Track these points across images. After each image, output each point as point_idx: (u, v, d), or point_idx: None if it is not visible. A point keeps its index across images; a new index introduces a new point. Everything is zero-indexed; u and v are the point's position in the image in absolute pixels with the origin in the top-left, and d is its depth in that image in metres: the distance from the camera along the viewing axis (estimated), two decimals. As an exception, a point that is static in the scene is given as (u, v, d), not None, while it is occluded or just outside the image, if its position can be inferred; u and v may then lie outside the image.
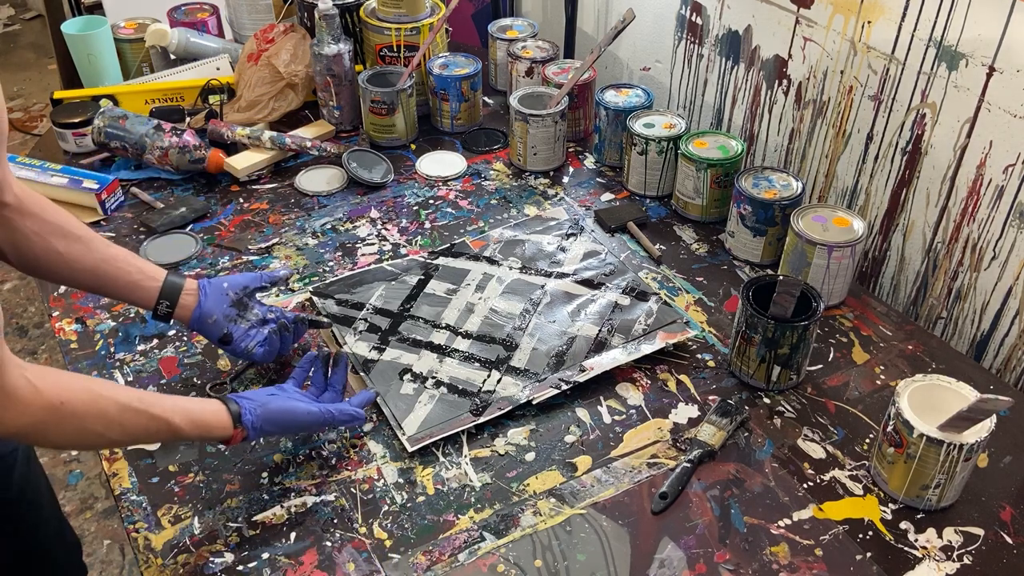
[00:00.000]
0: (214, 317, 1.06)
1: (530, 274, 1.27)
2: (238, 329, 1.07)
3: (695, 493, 0.98)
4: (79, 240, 1.00)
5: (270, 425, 0.95)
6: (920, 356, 1.15)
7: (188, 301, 1.05)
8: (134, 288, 1.03)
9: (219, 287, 1.07)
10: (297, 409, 0.97)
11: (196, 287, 1.06)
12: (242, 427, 0.93)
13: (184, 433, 0.90)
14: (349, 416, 0.99)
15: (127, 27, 1.73)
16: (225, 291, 1.08)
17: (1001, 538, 0.93)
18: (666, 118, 1.44)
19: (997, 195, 1.13)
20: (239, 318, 1.08)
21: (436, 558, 0.91)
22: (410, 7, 1.57)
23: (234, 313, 1.08)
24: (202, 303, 1.05)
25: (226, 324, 1.07)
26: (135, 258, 1.05)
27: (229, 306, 1.07)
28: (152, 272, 1.04)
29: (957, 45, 1.11)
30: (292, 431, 1.02)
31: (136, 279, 1.03)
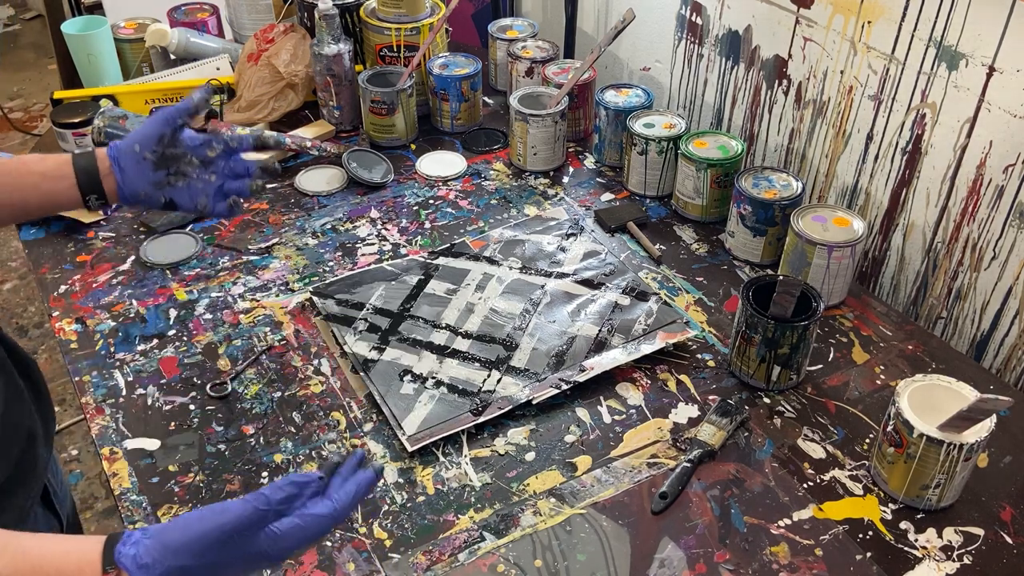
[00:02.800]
0: (143, 191, 0.91)
1: (530, 274, 1.27)
2: (178, 192, 0.91)
3: (695, 493, 0.98)
4: None
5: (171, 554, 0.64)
6: (920, 356, 1.15)
7: (109, 184, 0.91)
8: (51, 197, 0.90)
9: (132, 154, 0.91)
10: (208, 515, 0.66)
11: (109, 166, 0.90)
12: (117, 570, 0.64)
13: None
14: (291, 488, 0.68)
15: (127, 27, 1.73)
16: (140, 156, 0.91)
17: (1001, 538, 0.93)
18: (666, 118, 1.44)
19: (997, 195, 1.13)
20: (173, 176, 0.91)
21: (436, 558, 0.91)
22: (410, 7, 1.57)
23: (163, 176, 0.91)
24: (121, 185, 0.90)
25: (160, 193, 0.91)
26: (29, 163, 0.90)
27: (153, 171, 0.91)
28: (56, 170, 0.89)
29: (957, 45, 1.12)
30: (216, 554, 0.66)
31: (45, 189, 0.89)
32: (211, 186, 0.93)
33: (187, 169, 0.93)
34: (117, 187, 0.91)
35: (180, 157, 0.92)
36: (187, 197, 0.93)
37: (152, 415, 1.07)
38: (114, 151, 0.91)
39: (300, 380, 1.12)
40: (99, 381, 1.11)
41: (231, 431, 1.05)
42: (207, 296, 1.24)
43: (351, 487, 0.72)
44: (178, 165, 0.92)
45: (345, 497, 0.71)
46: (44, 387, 0.99)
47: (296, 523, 0.68)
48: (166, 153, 0.92)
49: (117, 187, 0.91)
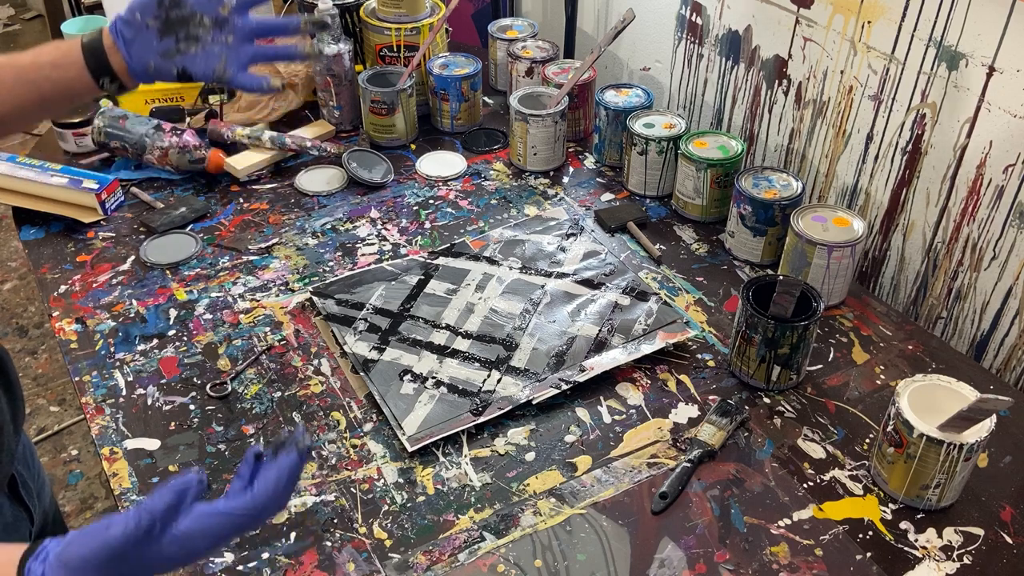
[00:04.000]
0: (152, 63, 0.83)
1: (530, 274, 1.27)
2: (191, 59, 0.82)
3: (695, 493, 0.98)
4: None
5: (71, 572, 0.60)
6: (920, 356, 1.15)
7: (117, 61, 0.84)
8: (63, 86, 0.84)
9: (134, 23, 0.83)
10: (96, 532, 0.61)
11: (112, 36, 0.84)
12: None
13: None
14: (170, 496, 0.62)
15: (127, 27, 1.73)
16: (142, 24, 0.82)
17: (1001, 538, 0.93)
18: (666, 118, 1.44)
19: (997, 195, 1.13)
20: (184, 43, 0.83)
21: (436, 558, 0.91)
22: (410, 7, 1.57)
23: (171, 44, 0.82)
24: (128, 59, 0.83)
25: (171, 64, 0.83)
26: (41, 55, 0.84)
27: (159, 39, 0.82)
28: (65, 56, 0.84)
29: (957, 45, 1.12)
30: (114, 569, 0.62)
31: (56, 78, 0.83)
32: (230, 49, 0.82)
33: (198, 32, 0.82)
34: (124, 62, 0.83)
35: (188, 19, 0.82)
36: (202, 64, 0.83)
37: (152, 415, 1.07)
38: (116, 23, 0.83)
39: (300, 380, 1.12)
40: (99, 381, 1.11)
41: (231, 431, 1.05)
42: (207, 296, 1.24)
43: (272, 474, 0.65)
44: (187, 28, 0.82)
45: (263, 487, 0.64)
46: (13, 375, 0.97)
47: (203, 522, 0.63)
48: (170, 16, 0.82)
49: (124, 62, 0.83)
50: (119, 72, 0.84)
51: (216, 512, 0.63)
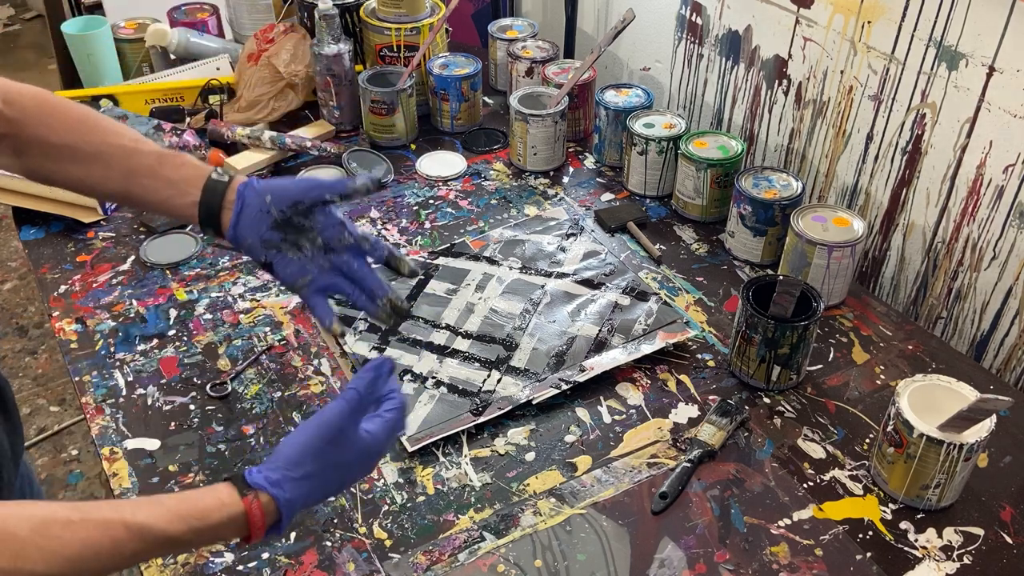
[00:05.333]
0: (249, 241, 0.83)
1: (530, 274, 1.27)
2: (283, 261, 0.83)
3: (695, 493, 0.98)
4: (96, 160, 0.83)
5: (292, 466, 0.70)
6: (920, 356, 1.15)
7: (225, 219, 0.83)
8: (170, 208, 0.85)
9: (259, 201, 0.83)
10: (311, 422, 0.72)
11: (235, 197, 0.83)
12: (254, 491, 0.68)
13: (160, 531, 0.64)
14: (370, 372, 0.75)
15: (127, 27, 1.73)
16: (266, 208, 0.82)
17: (1001, 538, 0.93)
18: (666, 118, 1.44)
19: (997, 195, 1.13)
20: (285, 244, 0.83)
21: (436, 558, 0.91)
22: (410, 7, 1.57)
23: (277, 238, 0.83)
24: (234, 223, 0.83)
25: (264, 252, 0.83)
26: (165, 166, 0.84)
27: (270, 229, 0.82)
28: (185, 183, 0.83)
29: (957, 45, 1.11)
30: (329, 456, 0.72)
31: (165, 196, 0.84)
32: (321, 273, 0.84)
33: (304, 245, 0.84)
34: (229, 224, 0.83)
35: (305, 231, 0.84)
36: (289, 270, 0.84)
37: (152, 415, 1.07)
38: (244, 187, 0.83)
39: (300, 380, 1.12)
40: (99, 381, 1.11)
41: (231, 431, 1.05)
42: (207, 296, 1.24)
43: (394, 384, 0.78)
44: (298, 238, 0.83)
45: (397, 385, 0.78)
46: (12, 403, 0.96)
47: (380, 421, 0.75)
48: (293, 220, 0.83)
49: (229, 224, 0.83)
50: (222, 225, 0.84)
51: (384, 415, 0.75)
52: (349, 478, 0.74)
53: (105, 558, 0.62)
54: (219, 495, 0.67)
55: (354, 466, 0.74)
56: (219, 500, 0.66)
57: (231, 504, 0.67)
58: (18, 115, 0.81)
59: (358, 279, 0.86)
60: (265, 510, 0.67)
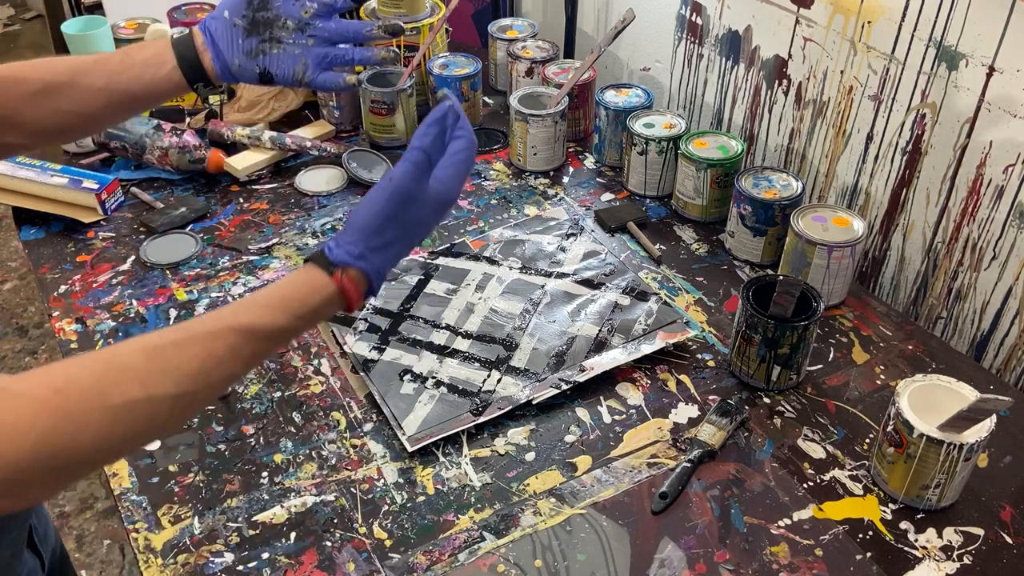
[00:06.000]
0: (237, 62, 0.87)
1: (530, 274, 1.27)
2: (273, 60, 0.87)
3: (695, 493, 0.98)
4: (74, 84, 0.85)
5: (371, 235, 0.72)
6: (920, 356, 1.15)
7: (207, 61, 0.87)
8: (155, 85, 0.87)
9: (223, 22, 0.87)
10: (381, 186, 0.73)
11: (203, 38, 0.88)
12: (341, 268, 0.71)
13: (268, 327, 0.67)
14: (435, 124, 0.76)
15: (127, 27, 1.73)
16: (230, 23, 0.87)
17: (1001, 538, 0.93)
18: (666, 118, 1.44)
19: (997, 195, 1.13)
20: (267, 44, 0.87)
21: (436, 558, 0.91)
22: (410, 7, 1.57)
23: (255, 43, 0.87)
24: (215, 57, 0.87)
25: (254, 63, 0.87)
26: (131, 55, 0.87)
27: (245, 38, 0.87)
28: (157, 56, 0.87)
29: (957, 45, 1.12)
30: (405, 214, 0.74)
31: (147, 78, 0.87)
32: (309, 52, 0.88)
33: (281, 34, 0.88)
34: (212, 61, 0.87)
35: (273, 21, 0.88)
36: (284, 65, 0.88)
37: (152, 415, 1.07)
38: (205, 22, 0.88)
39: (300, 380, 1.12)
40: (99, 381, 1.11)
41: (231, 431, 1.05)
42: (207, 296, 1.24)
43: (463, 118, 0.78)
44: (271, 30, 0.87)
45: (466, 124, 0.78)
46: None
47: (449, 165, 0.75)
48: (256, 17, 0.87)
49: (212, 61, 0.87)
50: (208, 71, 0.88)
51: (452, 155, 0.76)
52: (427, 229, 0.76)
53: (227, 365, 0.65)
54: (312, 281, 0.70)
55: (430, 217, 0.76)
56: (312, 286, 0.70)
57: (325, 286, 0.70)
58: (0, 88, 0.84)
59: (341, 35, 0.91)
60: (357, 285, 0.71)
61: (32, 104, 0.85)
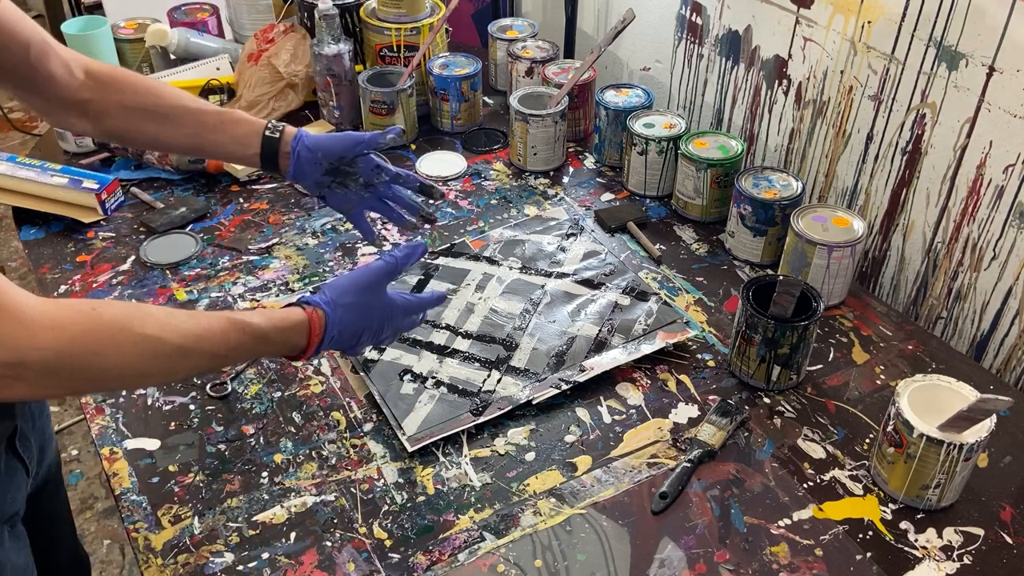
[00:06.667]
0: (304, 184, 1.07)
1: (530, 274, 1.27)
2: (334, 195, 1.07)
3: (695, 493, 0.98)
4: (167, 120, 1.01)
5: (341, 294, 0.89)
6: (920, 356, 1.15)
7: (283, 163, 1.05)
8: (235, 158, 1.05)
9: (312, 156, 1.05)
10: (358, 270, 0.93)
11: (289, 150, 1.04)
12: (313, 306, 0.87)
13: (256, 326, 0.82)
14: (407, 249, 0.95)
15: (127, 27, 1.73)
16: (319, 160, 1.05)
17: (1001, 538, 0.93)
18: (666, 118, 1.44)
19: (997, 195, 1.13)
20: (336, 184, 1.07)
21: (436, 558, 0.91)
22: (410, 7, 1.57)
23: (328, 181, 1.06)
24: (292, 170, 1.05)
25: (318, 190, 1.07)
26: (226, 124, 1.03)
27: (322, 174, 1.06)
28: (245, 138, 1.03)
29: (957, 45, 1.11)
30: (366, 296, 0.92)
31: (231, 150, 1.04)
32: (363, 200, 1.09)
33: (349, 183, 1.07)
34: (288, 170, 1.05)
35: (350, 175, 1.07)
36: (338, 202, 1.08)
37: (152, 415, 1.07)
38: (297, 143, 1.04)
39: (300, 380, 1.12)
40: (99, 381, 1.11)
41: (231, 431, 1.05)
42: (207, 296, 1.24)
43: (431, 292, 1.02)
44: (344, 179, 1.07)
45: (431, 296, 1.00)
46: None
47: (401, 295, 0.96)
48: (340, 168, 1.06)
49: (288, 170, 1.05)
50: (281, 169, 1.05)
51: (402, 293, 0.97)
52: (370, 325, 0.92)
53: (218, 340, 0.78)
54: (290, 309, 0.87)
55: (376, 313, 0.92)
56: (290, 311, 0.86)
57: (299, 313, 0.86)
58: (98, 83, 0.98)
59: (393, 201, 1.12)
60: (320, 324, 0.86)
61: (125, 115, 1.00)
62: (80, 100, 0.97)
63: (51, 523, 1.19)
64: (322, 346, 0.88)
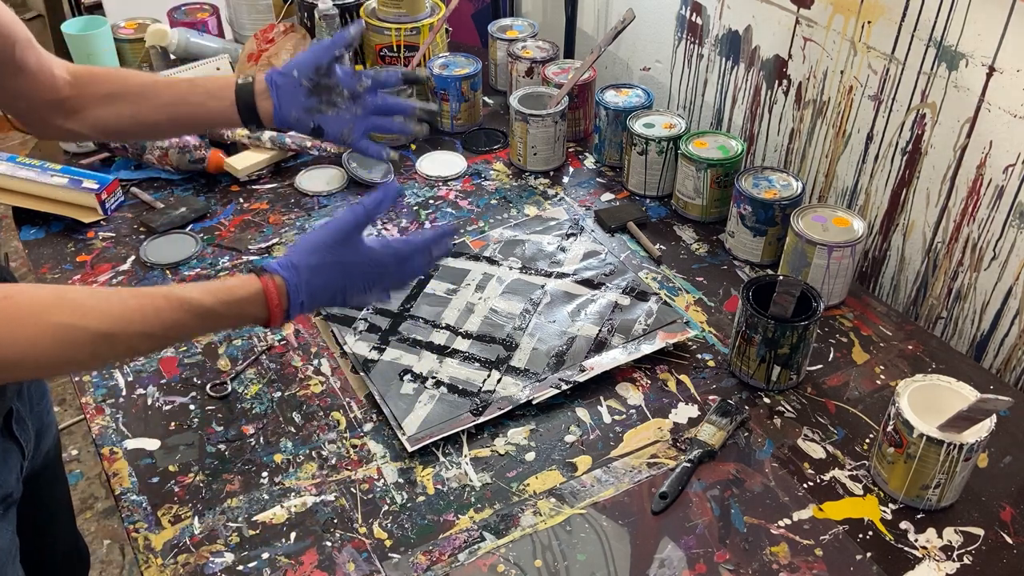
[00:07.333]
0: (295, 115, 1.00)
1: (530, 274, 1.27)
2: (327, 119, 1.00)
3: (695, 493, 0.98)
4: (142, 96, 0.99)
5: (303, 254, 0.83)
6: (920, 356, 1.15)
7: (265, 105, 0.99)
8: (213, 115, 1.01)
9: (290, 79, 0.99)
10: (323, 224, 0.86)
11: (266, 87, 0.99)
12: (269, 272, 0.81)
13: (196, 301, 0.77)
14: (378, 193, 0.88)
15: (127, 27, 1.73)
16: (297, 81, 0.99)
17: (1001, 538, 0.93)
18: (666, 118, 1.44)
19: (997, 195, 1.13)
20: (324, 105, 1.00)
21: (436, 558, 0.91)
22: (410, 7, 1.57)
23: (315, 103, 1.00)
24: (278, 107, 0.99)
25: (310, 118, 1.00)
26: (198, 83, 1.01)
27: (307, 97, 0.99)
28: (220, 91, 0.99)
29: (957, 45, 1.11)
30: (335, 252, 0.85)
31: (210, 107, 1.00)
32: (358, 119, 1.01)
33: (337, 100, 1.00)
34: (273, 109, 0.99)
35: (332, 88, 1.00)
36: (334, 125, 1.01)
37: (152, 415, 1.07)
38: (272, 75, 0.99)
39: (300, 380, 1.12)
40: (99, 381, 1.11)
41: (231, 431, 1.05)
42: (207, 296, 1.24)
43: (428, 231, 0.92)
44: (330, 95, 1.00)
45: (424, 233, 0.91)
46: None
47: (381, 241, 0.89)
48: (320, 82, 0.99)
49: (273, 109, 0.99)
50: (263, 115, 1.00)
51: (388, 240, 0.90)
52: (351, 284, 0.86)
53: (150, 320, 0.74)
54: (244, 278, 0.81)
55: (356, 270, 0.86)
56: (241, 280, 0.80)
57: (251, 282, 0.80)
58: (77, 80, 0.99)
59: (387, 111, 1.04)
60: (279, 291, 0.81)
61: (101, 104, 0.99)
62: (61, 99, 0.98)
63: (49, 511, 1.20)
64: (292, 313, 0.82)
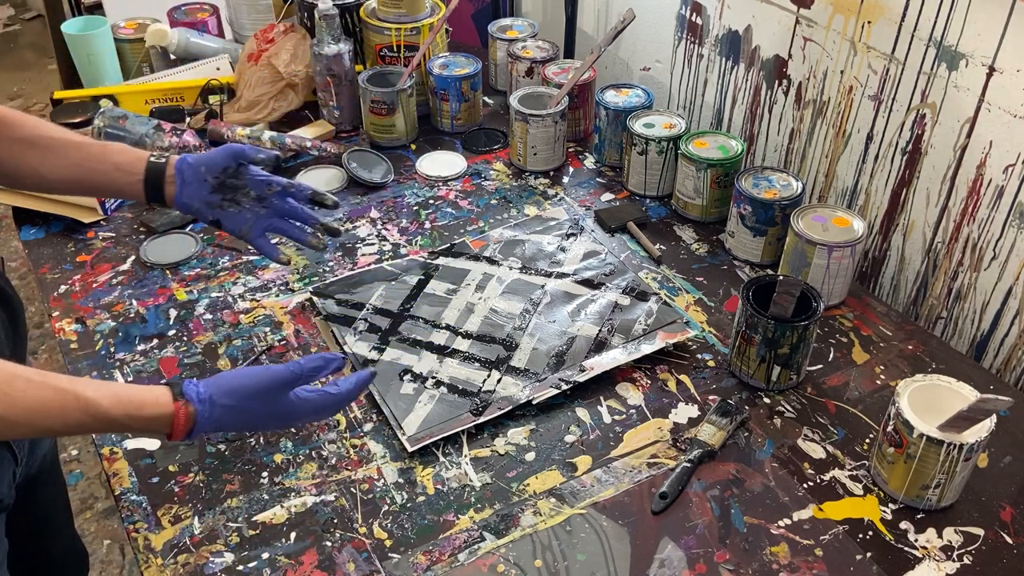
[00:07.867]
0: (195, 206, 1.02)
1: (530, 274, 1.27)
2: (227, 216, 1.03)
3: (695, 493, 0.98)
4: (49, 151, 0.98)
5: (222, 394, 0.82)
6: (920, 356, 1.15)
7: (169, 190, 1.01)
8: (117, 187, 1.01)
9: (196, 172, 1.01)
10: (254, 370, 0.85)
11: (174, 174, 1.01)
12: (185, 399, 0.81)
13: (103, 410, 0.77)
14: (319, 361, 0.88)
15: (127, 27, 1.73)
16: (203, 176, 1.01)
17: (1001, 538, 0.93)
18: (666, 118, 1.44)
19: (997, 195, 1.13)
20: (226, 202, 1.02)
21: (436, 558, 0.91)
22: (410, 7, 1.57)
23: (217, 199, 1.02)
24: (179, 192, 1.00)
25: (210, 212, 1.02)
26: (109, 153, 1.00)
27: (210, 192, 1.02)
28: (130, 166, 1.00)
29: (957, 45, 1.12)
30: (253, 402, 0.84)
31: (115, 178, 1.00)
32: (260, 218, 1.04)
33: (241, 199, 1.03)
34: (175, 195, 1.01)
35: (239, 188, 1.03)
36: (233, 222, 1.03)
37: (152, 415, 1.07)
38: (181, 164, 1.01)
39: (300, 380, 1.11)
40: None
41: (231, 431, 1.05)
42: (207, 296, 1.24)
43: (353, 378, 0.90)
44: (234, 194, 1.03)
45: (348, 384, 0.89)
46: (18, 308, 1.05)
47: (312, 395, 0.87)
48: (226, 182, 1.02)
49: (175, 195, 1.01)
50: (167, 197, 1.02)
51: (321, 391, 0.88)
52: (260, 425, 0.91)
53: (53, 418, 0.75)
54: (157, 394, 0.80)
55: (269, 419, 0.87)
56: (155, 398, 0.80)
57: (164, 405, 0.80)
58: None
59: (291, 216, 1.07)
60: (188, 419, 0.81)
61: (10, 148, 0.97)
62: None
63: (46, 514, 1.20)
64: (193, 436, 0.83)
